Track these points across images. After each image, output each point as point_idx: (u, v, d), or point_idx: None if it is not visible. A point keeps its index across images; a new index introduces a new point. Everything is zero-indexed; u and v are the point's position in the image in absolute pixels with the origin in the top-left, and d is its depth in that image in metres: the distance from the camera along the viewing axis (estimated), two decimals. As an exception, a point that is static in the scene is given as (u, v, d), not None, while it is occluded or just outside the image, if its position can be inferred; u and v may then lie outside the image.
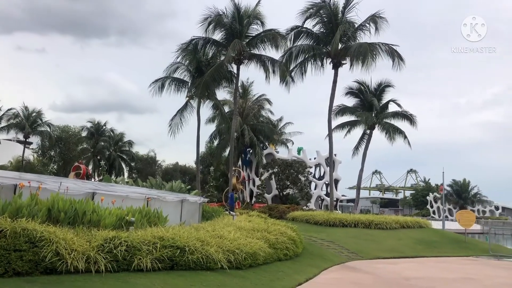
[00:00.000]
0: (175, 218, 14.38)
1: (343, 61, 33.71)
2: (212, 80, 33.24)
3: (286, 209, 33.31)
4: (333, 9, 33.22)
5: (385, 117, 39.65)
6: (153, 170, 72.59)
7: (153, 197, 14.01)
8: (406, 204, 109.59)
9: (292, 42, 34.24)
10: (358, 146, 40.73)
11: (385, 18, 32.72)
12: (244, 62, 33.72)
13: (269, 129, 47.62)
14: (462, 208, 70.67)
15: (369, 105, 39.47)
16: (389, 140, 38.57)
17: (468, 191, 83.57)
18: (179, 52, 34.72)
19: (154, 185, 27.08)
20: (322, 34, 34.12)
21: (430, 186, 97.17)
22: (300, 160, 47.44)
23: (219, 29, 33.69)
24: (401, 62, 32.59)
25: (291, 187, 43.04)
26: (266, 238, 14.41)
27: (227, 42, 33.10)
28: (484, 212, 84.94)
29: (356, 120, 40.32)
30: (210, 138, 49.07)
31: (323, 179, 51.35)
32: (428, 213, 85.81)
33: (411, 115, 38.94)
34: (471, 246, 26.07)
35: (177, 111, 37.18)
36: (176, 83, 36.65)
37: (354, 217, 27.79)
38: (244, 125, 44.78)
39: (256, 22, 33.58)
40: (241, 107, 46.51)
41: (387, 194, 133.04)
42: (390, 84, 39.79)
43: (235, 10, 32.92)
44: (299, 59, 34.18)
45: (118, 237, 9.35)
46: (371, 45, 32.08)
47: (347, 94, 40.65)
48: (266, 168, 44.29)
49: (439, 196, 76.22)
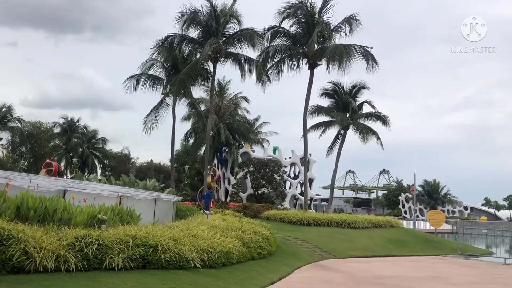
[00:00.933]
0: (148, 217, 14.25)
1: (319, 62, 34.00)
2: (188, 77, 32.99)
3: (260, 208, 33.41)
4: (310, 10, 33.45)
5: (359, 118, 40.17)
6: (127, 168, 71.66)
7: (126, 195, 13.85)
8: (379, 204, 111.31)
9: (269, 42, 34.33)
10: (333, 146, 41.14)
11: (360, 21, 33.27)
12: (220, 60, 33.61)
13: (245, 128, 47.63)
14: (433, 208, 72.33)
15: (344, 106, 39.94)
16: (363, 141, 39.13)
17: (438, 191, 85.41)
18: (155, 49, 34.34)
19: (127, 183, 26.75)
20: (299, 35, 34.33)
21: (402, 186, 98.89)
22: (275, 159, 47.62)
23: (195, 27, 33.44)
24: (375, 64, 33.15)
25: (266, 186, 43.14)
26: (240, 237, 14.44)
27: (204, 40, 32.92)
28: (453, 212, 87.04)
29: (331, 120, 40.71)
30: (186, 136, 48.77)
31: (298, 178, 51.68)
32: (400, 212, 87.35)
33: (384, 116, 39.58)
34: (441, 245, 26.70)
35: (152, 108, 36.81)
36: (151, 80, 36.23)
37: (328, 216, 28.08)
38: (220, 123, 44.68)
39: (232, 21, 33.50)
40: (217, 106, 46.37)
41: (360, 193, 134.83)
42: (365, 85, 40.34)
43: (211, 8, 32.77)
44: (275, 59, 34.30)
45: (89, 236, 9.23)
46: (347, 47, 32.48)
47: (322, 95, 41.04)
48: (241, 167, 44.29)
49: (411, 196, 77.66)
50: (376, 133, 39.58)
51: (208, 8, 32.90)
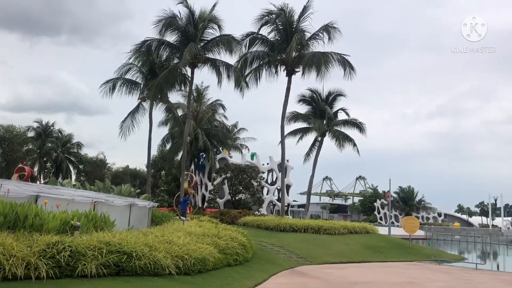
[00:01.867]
0: (123, 223, 14.03)
1: (297, 69, 34.27)
2: (165, 82, 32.79)
3: (238, 214, 33.32)
4: (289, 18, 33.71)
5: (336, 125, 40.63)
6: (102, 173, 70.61)
7: (100, 201, 13.61)
8: (355, 210, 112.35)
9: (247, 48, 34.45)
10: (310, 153, 41.46)
11: (338, 28, 33.64)
12: (198, 65, 33.52)
13: (223, 133, 47.50)
14: (408, 215, 73.44)
15: (321, 112, 40.33)
16: (339, 147, 39.63)
17: (413, 198, 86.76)
18: (132, 53, 34.09)
19: (102, 189, 26.29)
20: (277, 42, 34.54)
21: (378, 193, 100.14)
22: (253, 165, 47.57)
23: (173, 32, 33.29)
24: (352, 72, 33.57)
25: (243, 192, 43.06)
26: (216, 244, 14.36)
27: (182, 44, 32.81)
28: (428, 218, 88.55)
29: (308, 127, 41.05)
30: (163, 141, 48.37)
31: (275, 185, 51.69)
32: (376, 219, 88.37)
33: (360, 123, 40.14)
34: (415, 251, 27.12)
35: (129, 113, 36.42)
36: (128, 85, 35.89)
37: (304, 222, 28.20)
38: (198, 129, 44.45)
39: (211, 26, 33.49)
40: (195, 111, 46.15)
41: (337, 200, 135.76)
42: (342, 93, 40.89)
43: (189, 13, 32.66)
44: (254, 65, 34.42)
45: (61, 242, 9.04)
46: (324, 55, 32.83)
47: (300, 102, 41.40)
48: (219, 172, 44.12)
49: (386, 203, 78.72)
50: (353, 140, 40.10)
51: (186, 13, 32.83)
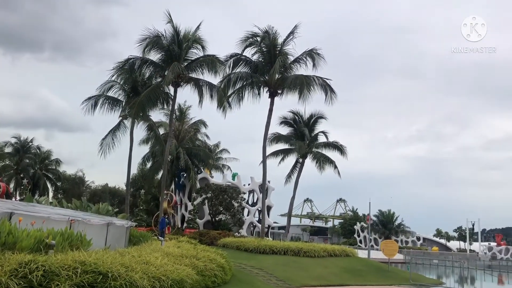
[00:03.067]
0: (99, 242, 13.76)
1: (280, 90, 34.61)
2: (147, 100, 32.67)
3: (217, 235, 33.02)
4: (273, 40, 34.17)
5: (317, 147, 40.91)
6: (81, 191, 69.44)
7: (77, 219, 13.35)
8: (335, 233, 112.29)
9: (231, 69, 34.74)
10: (291, 174, 41.53)
11: (322, 55, 34.05)
12: (181, 85, 33.57)
13: (205, 153, 47.35)
14: (387, 238, 73.68)
15: (302, 134, 40.63)
16: (319, 169, 39.82)
17: (392, 221, 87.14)
18: (115, 71, 33.96)
19: (80, 207, 25.86)
20: (261, 63, 34.91)
21: (358, 216, 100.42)
22: (234, 185, 47.41)
23: (157, 51, 33.38)
24: (334, 95, 34.10)
25: (224, 212, 42.77)
26: (195, 265, 14.16)
27: (165, 63, 32.88)
28: (407, 242, 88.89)
29: (290, 148, 41.24)
30: (143, 160, 47.96)
31: (256, 206, 51.52)
32: (355, 242, 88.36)
33: (341, 145, 40.48)
34: (394, 275, 27.13)
35: (110, 130, 36.07)
36: (110, 102, 35.65)
37: (284, 244, 28.04)
38: (180, 148, 44.25)
39: (195, 46, 33.67)
40: (177, 130, 46.01)
41: (317, 222, 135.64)
42: (323, 115, 41.36)
43: (174, 33, 32.85)
44: (237, 86, 34.68)
45: (35, 261, 8.79)
46: (307, 78, 33.26)
47: (282, 123, 41.71)
48: (199, 192, 43.81)
49: (366, 226, 78.97)
50: (333, 162, 40.37)
51: (171, 32, 32.99)
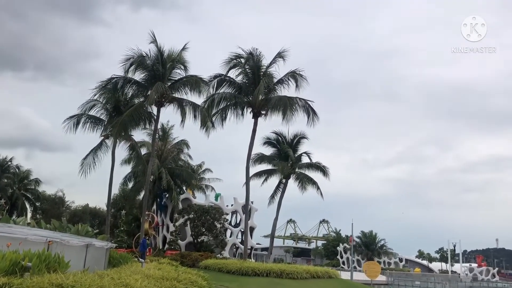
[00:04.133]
0: (78, 264, 13.42)
1: (263, 111, 34.74)
2: (130, 120, 32.45)
3: (199, 256, 32.59)
4: (257, 62, 34.49)
5: (300, 168, 41.01)
6: (60, 212, 67.99)
7: (55, 240, 13.02)
8: (318, 254, 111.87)
9: (215, 89, 34.84)
10: (274, 195, 41.41)
11: (304, 76, 34.35)
12: (165, 104, 33.47)
13: (188, 173, 46.98)
14: (370, 259, 73.70)
15: (285, 155, 40.72)
16: (301, 190, 39.84)
17: (375, 243, 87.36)
18: (98, 90, 33.70)
19: (58, 228, 25.26)
20: (245, 84, 35.12)
21: (341, 237, 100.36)
22: (217, 206, 47.01)
23: (141, 70, 33.34)
24: (316, 117, 34.40)
25: (206, 234, 42.30)
26: (176, 287, 13.88)
27: (149, 83, 32.81)
28: (389, 263, 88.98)
29: (273, 169, 41.23)
30: (125, 180, 47.26)
31: (239, 227, 51.07)
32: (338, 263, 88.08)
33: (324, 166, 40.65)
34: (376, 296, 27.03)
35: (91, 150, 35.64)
36: (92, 121, 35.33)
37: (267, 266, 27.78)
38: (162, 168, 43.85)
39: (179, 67, 33.74)
40: (160, 150, 45.68)
41: (301, 243, 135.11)
42: (305, 136, 41.63)
43: (158, 53, 32.90)
44: (220, 106, 34.73)
45: (9, 284, 8.51)
46: (290, 99, 33.52)
47: (265, 144, 41.78)
48: (181, 213, 43.32)
49: (349, 247, 78.87)
50: (316, 183, 40.45)
51: (155, 52, 33.02)
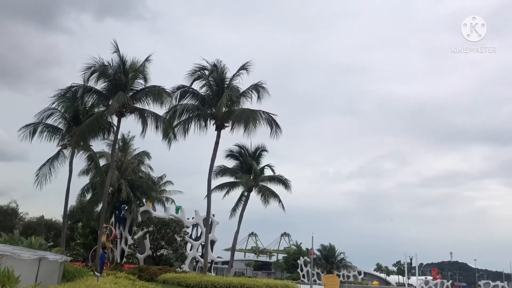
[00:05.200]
0: (29, 279, 12.87)
1: (226, 123, 34.71)
2: (89, 130, 31.63)
3: (158, 270, 32.02)
4: (221, 74, 34.55)
5: (262, 180, 41.13)
6: (13, 223, 65.13)
7: (5, 254, 12.46)
8: (279, 267, 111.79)
9: (178, 100, 34.56)
10: (236, 208, 41.29)
11: (266, 89, 34.59)
12: (126, 114, 32.87)
13: (148, 185, 46.17)
14: (329, 273, 74.32)
15: (248, 168, 40.79)
16: (264, 203, 39.94)
17: (335, 256, 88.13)
18: (56, 98, 32.78)
19: (10, 241, 24.17)
20: (208, 96, 35.03)
21: (301, 250, 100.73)
22: (177, 219, 46.35)
23: (102, 80, 32.69)
24: (279, 130, 34.62)
25: (166, 247, 41.59)
26: (132, 302, 13.54)
27: (110, 93, 32.17)
28: (348, 276, 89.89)
29: (235, 181, 41.18)
30: (82, 191, 45.88)
31: (199, 240, 50.47)
32: (299, 276, 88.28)
33: (286, 179, 40.95)
34: (336, 309, 27.24)
35: (47, 160, 34.43)
36: (49, 130, 34.24)
37: (227, 280, 27.55)
38: (122, 179, 42.91)
39: (141, 77, 33.26)
40: (119, 161, 44.74)
41: (262, 256, 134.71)
42: (267, 149, 41.93)
43: (120, 62, 32.37)
44: (183, 117, 34.43)
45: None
46: (253, 112, 33.68)
47: (228, 156, 41.77)
48: (141, 226, 42.44)
49: (309, 260, 79.32)
50: (278, 196, 40.66)
51: (117, 62, 32.45)
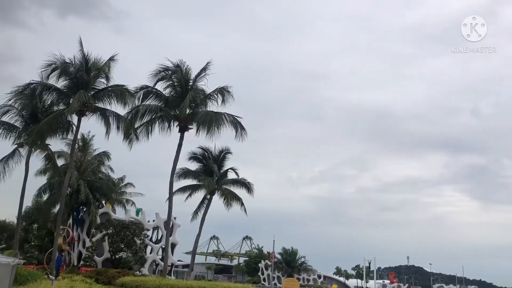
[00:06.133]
0: (-22, 283, 12.30)
1: (190, 125, 34.32)
2: (48, 129, 30.63)
3: (116, 274, 31.29)
4: (185, 76, 34.14)
5: (225, 184, 41.01)
6: (-38, 225, 62.20)
7: (-48, 256, 11.86)
8: (240, 271, 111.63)
9: (141, 101, 33.91)
10: (198, 211, 40.99)
11: (231, 93, 34.29)
12: (87, 114, 32.05)
13: (108, 186, 45.14)
14: (290, 276, 74.71)
15: (211, 171, 40.57)
16: (226, 206, 39.84)
17: (296, 259, 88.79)
18: (13, 95, 31.62)
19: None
20: (172, 97, 34.55)
21: (263, 254, 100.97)
22: (138, 221, 45.56)
23: (64, 77, 31.78)
24: (244, 133, 34.42)
25: (125, 250, 40.78)
26: (88, 306, 13.16)
27: (70, 91, 31.27)
28: (308, 280, 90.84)
29: (198, 184, 40.88)
30: (39, 192, 44.36)
31: (160, 243, 49.79)
32: (259, 280, 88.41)
33: (249, 183, 41.00)
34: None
35: (2, 158, 33.20)
36: (4, 128, 33.02)
37: (187, 283, 27.18)
38: (81, 180, 41.73)
39: (104, 76, 32.55)
40: (79, 161, 43.56)
41: (223, 260, 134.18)
42: (229, 151, 41.82)
43: (83, 60, 31.60)
44: (146, 118, 33.82)
45: None
46: (217, 114, 33.46)
47: (191, 159, 41.36)
48: (99, 228, 41.43)
49: (270, 264, 79.57)
50: (241, 199, 40.64)
51: (80, 59, 31.67)
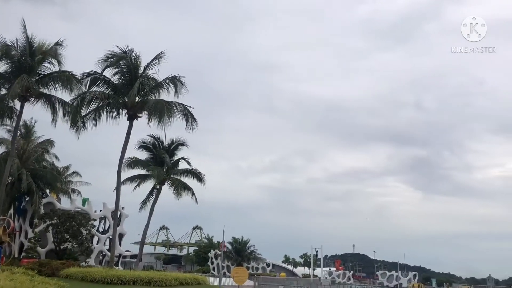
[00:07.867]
0: None
1: (139, 114, 33.63)
2: (-13, 115, 29.26)
3: (60, 265, 30.38)
4: (134, 62, 33.32)
5: (176, 173, 40.69)
6: None
7: None
8: (189, 261, 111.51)
9: (88, 87, 32.83)
10: (147, 200, 40.50)
11: (184, 83, 33.62)
12: (30, 100, 30.75)
13: (53, 175, 43.50)
14: (240, 265, 75.54)
15: (161, 160, 40.12)
16: (176, 196, 39.58)
17: (245, 249, 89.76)
18: None
19: None
20: (121, 84, 33.71)
21: (213, 243, 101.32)
22: (84, 211, 44.37)
23: (4, 61, 30.33)
24: (195, 123, 34.14)
25: (70, 240, 39.66)
26: (29, 299, 12.81)
27: (13, 75, 29.91)
28: (257, 268, 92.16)
29: (147, 174, 40.33)
30: (-23, 180, 42.21)
31: (107, 233, 48.79)
32: (209, 269, 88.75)
33: (200, 173, 40.88)
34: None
35: None
36: None
37: (134, 274, 26.98)
38: (23, 169, 39.99)
39: (49, 61, 31.30)
40: (21, 149, 41.74)
41: (172, 250, 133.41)
42: (184, 142, 41.33)
43: (27, 43, 30.23)
44: (93, 106, 32.82)
45: None
46: (168, 103, 32.96)
47: (140, 148, 40.67)
48: (43, 218, 40.00)
49: (220, 253, 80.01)
50: (191, 189, 40.48)
51: (23, 43, 30.28)
